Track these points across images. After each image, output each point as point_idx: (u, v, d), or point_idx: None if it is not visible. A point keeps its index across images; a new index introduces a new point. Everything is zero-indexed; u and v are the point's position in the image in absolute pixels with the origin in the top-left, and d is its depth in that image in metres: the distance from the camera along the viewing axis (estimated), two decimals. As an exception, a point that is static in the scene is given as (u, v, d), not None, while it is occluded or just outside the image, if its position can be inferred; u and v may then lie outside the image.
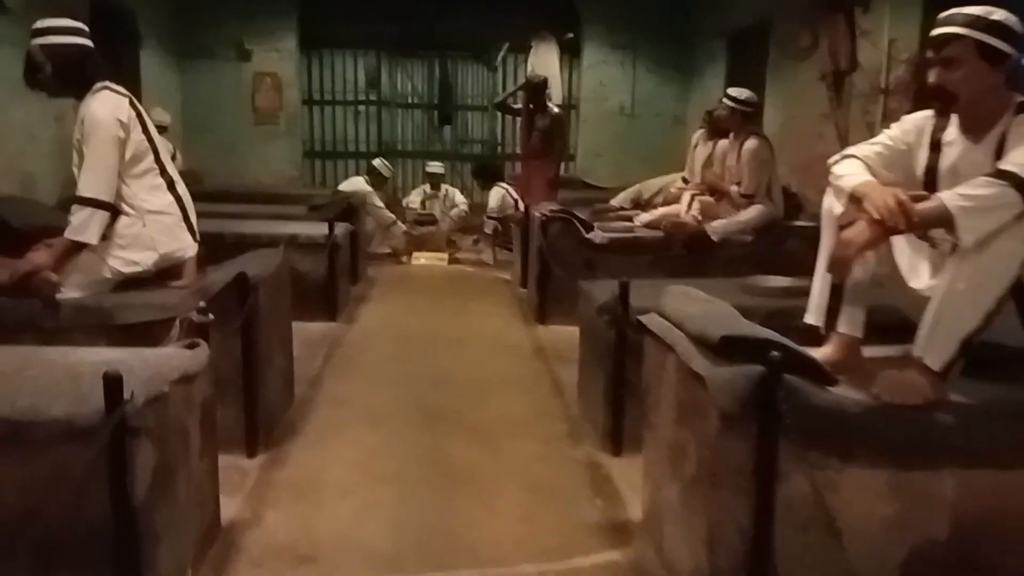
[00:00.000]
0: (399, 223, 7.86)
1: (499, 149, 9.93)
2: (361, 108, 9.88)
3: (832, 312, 2.19)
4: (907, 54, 5.13)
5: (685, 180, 5.94)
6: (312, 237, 5.20)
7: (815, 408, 1.81)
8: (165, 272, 3.15)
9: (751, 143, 5.20)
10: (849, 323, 2.15)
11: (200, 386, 2.25)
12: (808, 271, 2.39)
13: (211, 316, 2.41)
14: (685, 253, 5.28)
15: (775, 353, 1.78)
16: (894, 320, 2.24)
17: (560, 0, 9.30)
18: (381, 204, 7.72)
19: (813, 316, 2.22)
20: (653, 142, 9.53)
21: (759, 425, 1.79)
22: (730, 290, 3.41)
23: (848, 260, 1.99)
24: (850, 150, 2.23)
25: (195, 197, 7.41)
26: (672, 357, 2.13)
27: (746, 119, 5.27)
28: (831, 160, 2.22)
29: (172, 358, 2.14)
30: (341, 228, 5.49)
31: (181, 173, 3.44)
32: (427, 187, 8.68)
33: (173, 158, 7.06)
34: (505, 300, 6.21)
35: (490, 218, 7.83)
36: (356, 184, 7.69)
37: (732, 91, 5.27)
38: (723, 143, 5.52)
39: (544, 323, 5.29)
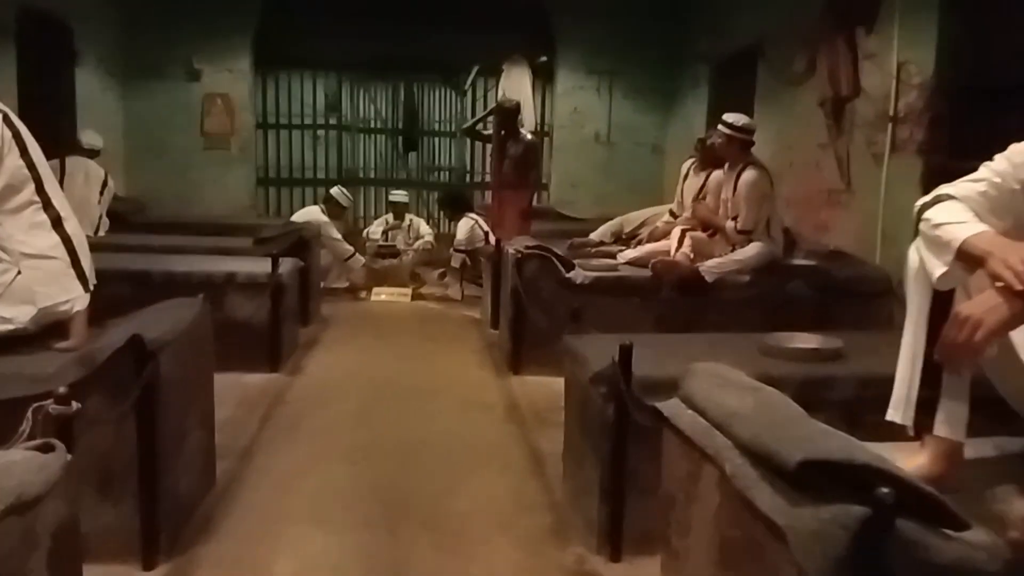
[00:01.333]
0: (358, 256, 7.22)
1: (468, 177, 9.36)
2: (320, 132, 9.25)
3: (924, 406, 1.60)
4: (920, 78, 4.65)
5: (673, 213, 5.40)
6: (253, 276, 4.55)
7: (943, 570, 1.22)
8: (48, 330, 2.50)
9: (749, 174, 4.68)
10: (949, 423, 1.57)
11: (51, 509, 1.60)
12: (818, 319, 1.82)
13: (75, 405, 1.75)
14: (676, 295, 4.72)
15: (884, 490, 1.19)
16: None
17: (534, 22, 8.79)
18: (338, 235, 7.08)
19: (899, 412, 1.63)
20: (631, 171, 9.04)
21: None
22: (744, 351, 2.84)
23: (975, 348, 1.41)
24: (945, 189, 1.65)
25: (133, 228, 6.85)
26: (712, 471, 1.53)
27: (743, 148, 4.75)
28: (920, 202, 1.65)
29: (5, 472, 1.49)
30: (288, 264, 4.85)
31: (122, 200, 2.79)
32: (390, 217, 8.07)
33: (104, 185, 6.44)
34: (475, 343, 5.59)
35: (457, 251, 7.22)
36: (311, 214, 7.05)
37: (728, 117, 4.75)
38: (717, 174, 4.99)
39: (518, 372, 4.68)
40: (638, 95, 9.04)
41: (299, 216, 7.04)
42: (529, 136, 7.45)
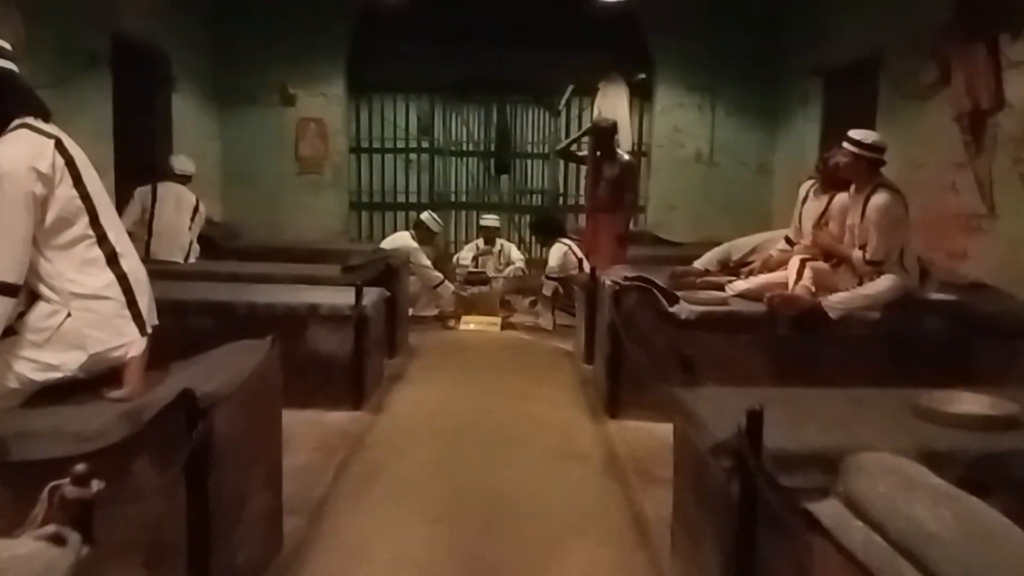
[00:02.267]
0: (447, 283, 6.97)
1: (561, 200, 9.01)
2: (412, 156, 9.10)
3: None
4: (1082, 87, 4.05)
5: (789, 241, 4.89)
6: (337, 308, 4.32)
7: None
8: (101, 378, 2.28)
9: (880, 197, 4.16)
10: None
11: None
12: (957, 362, 1.39)
13: (97, 485, 1.48)
14: (794, 333, 4.23)
15: None
16: None
17: (630, 38, 8.43)
18: (427, 262, 6.85)
19: None
20: (735, 193, 8.52)
21: None
22: (895, 414, 2.38)
23: None
24: None
25: (225, 254, 6.81)
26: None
27: (872, 168, 4.23)
28: None
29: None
30: (373, 295, 4.60)
31: (216, 226, 2.58)
32: (480, 242, 7.81)
33: (196, 211, 6.40)
34: (567, 380, 5.22)
35: (550, 278, 6.88)
36: (400, 240, 6.85)
37: (855, 133, 4.25)
38: (841, 197, 4.48)
39: (616, 416, 4.28)
40: (742, 112, 8.53)
41: (388, 242, 6.85)
42: (626, 156, 7.08)
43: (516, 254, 7.74)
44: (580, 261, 6.83)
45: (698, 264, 5.53)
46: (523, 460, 3.67)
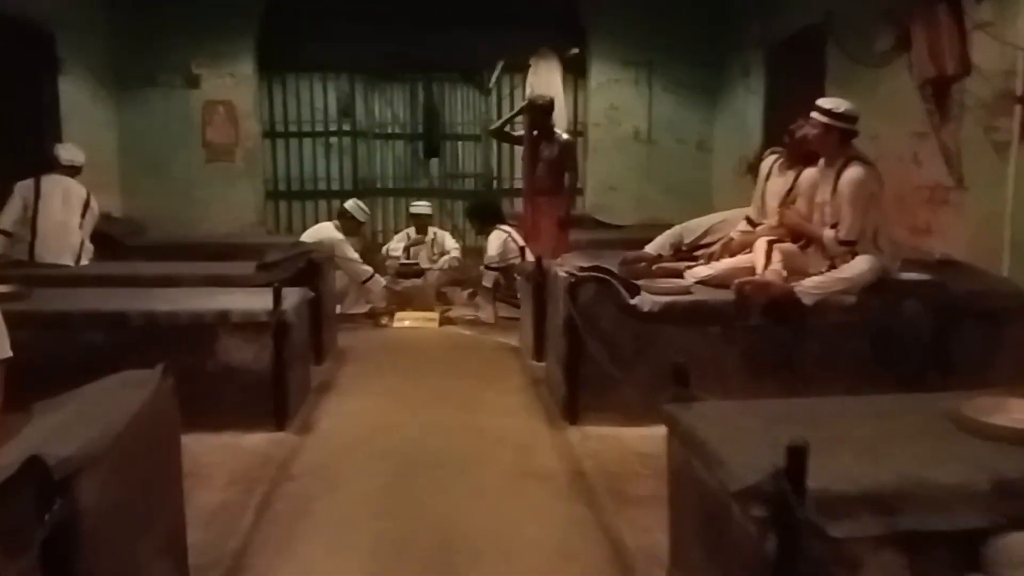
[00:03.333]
0: (378, 276, 6.40)
1: (496, 184, 8.51)
2: (333, 140, 8.43)
3: None
4: (1060, 46, 3.77)
5: (751, 221, 4.51)
6: (251, 314, 3.73)
7: None
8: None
9: (853, 171, 3.81)
10: None
11: None
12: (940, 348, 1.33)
13: None
14: (767, 323, 3.86)
15: None
16: None
17: (562, 11, 7.97)
18: (354, 255, 6.27)
19: None
20: (675, 172, 8.19)
21: None
22: (932, 426, 1.99)
23: None
24: None
25: (127, 253, 6.08)
26: None
27: (844, 139, 3.88)
28: None
29: None
30: (294, 296, 4.03)
31: (117, 222, 2.00)
32: (412, 231, 7.26)
33: (86, 206, 5.65)
34: (517, 380, 4.75)
35: (489, 268, 6.39)
36: (323, 232, 6.25)
37: (825, 102, 3.89)
38: (810, 172, 4.12)
39: (576, 422, 3.84)
40: (681, 87, 8.19)
41: (310, 234, 6.25)
42: (564, 136, 6.65)
43: (451, 243, 7.22)
44: (521, 249, 6.36)
45: (649, 249, 5.11)
46: (477, 484, 3.19)
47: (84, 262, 5.30)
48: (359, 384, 4.63)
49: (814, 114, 3.90)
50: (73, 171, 5.45)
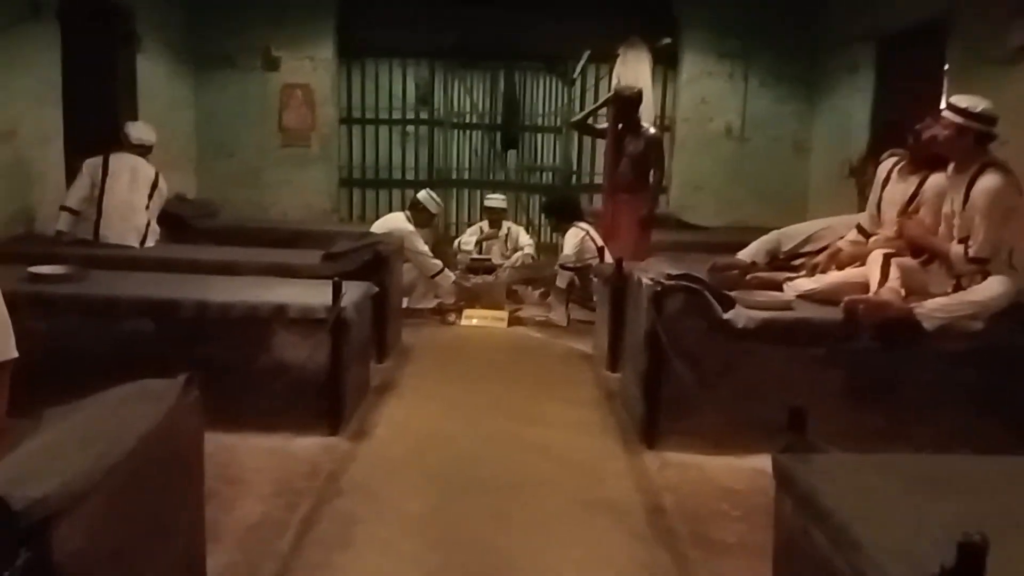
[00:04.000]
0: (447, 271, 6.11)
1: (575, 179, 8.13)
2: (410, 128, 8.19)
3: None
4: None
5: (863, 231, 4.02)
6: (309, 308, 3.48)
7: None
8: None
9: (989, 180, 3.32)
10: None
11: None
12: None
13: None
14: (877, 346, 3.40)
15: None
16: None
17: (654, 0, 7.53)
18: (425, 248, 6.00)
19: None
20: (767, 173, 7.67)
21: None
22: None
23: None
24: None
25: (196, 236, 5.95)
26: None
27: (980, 143, 3.39)
28: None
29: None
30: (356, 291, 3.76)
31: (187, 203, 1.77)
32: (485, 225, 6.97)
33: (154, 187, 5.52)
34: (589, 392, 4.39)
35: (565, 268, 6.02)
36: (394, 222, 5.99)
37: (960, 100, 3.40)
38: (937, 179, 3.64)
39: (655, 446, 3.46)
40: (778, 83, 7.65)
41: (380, 225, 6.00)
42: (651, 130, 6.23)
43: (525, 239, 6.89)
44: (600, 249, 5.98)
45: (742, 256, 4.66)
46: (538, 513, 2.84)
47: (149, 244, 5.16)
48: (420, 386, 4.34)
49: (946, 113, 3.42)
50: (143, 150, 5.32)
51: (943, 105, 3.68)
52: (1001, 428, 3.41)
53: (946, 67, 5.39)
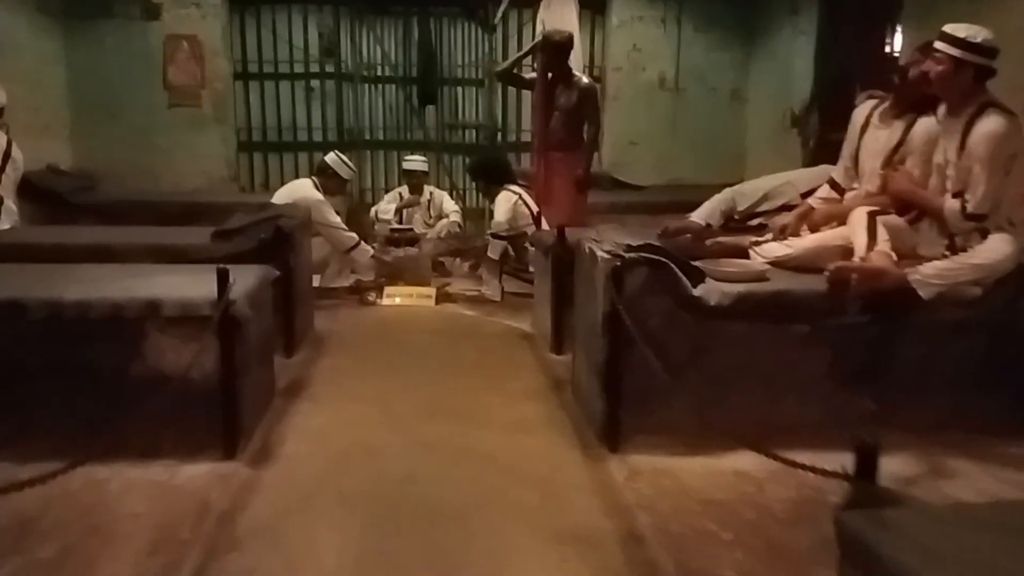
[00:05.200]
0: (364, 244, 5.44)
1: (501, 137, 7.50)
2: (315, 83, 7.40)
3: None
4: None
5: (836, 186, 3.54)
6: (188, 304, 2.79)
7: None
8: None
9: (991, 122, 2.88)
10: None
11: None
12: None
13: None
14: (869, 320, 2.95)
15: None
16: None
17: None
18: (336, 219, 5.31)
19: None
20: (705, 125, 7.25)
21: None
22: None
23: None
24: None
25: (75, 213, 4.95)
26: None
27: (979, 80, 2.93)
28: None
29: None
30: (250, 279, 3.09)
31: (61, 176, 1.30)
32: (404, 190, 6.31)
33: (6, 157, 4.66)
34: (533, 379, 3.85)
35: (496, 237, 5.43)
36: (300, 190, 5.28)
37: (956, 29, 2.93)
38: (925, 123, 3.18)
39: (618, 450, 2.94)
40: (713, 27, 7.21)
41: (283, 194, 5.28)
42: (585, 79, 5.66)
43: (450, 204, 6.28)
44: (537, 216, 5.41)
45: (695, 217, 4.17)
46: (491, 552, 2.28)
47: (4, 226, 4.34)
48: (338, 384, 3.71)
49: (940, 45, 2.94)
50: (-8, 113, 4.45)
51: (925, 40, 3.21)
52: (1004, 408, 3.04)
53: (902, 2, 4.97)
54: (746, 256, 3.46)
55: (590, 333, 3.20)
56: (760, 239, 3.56)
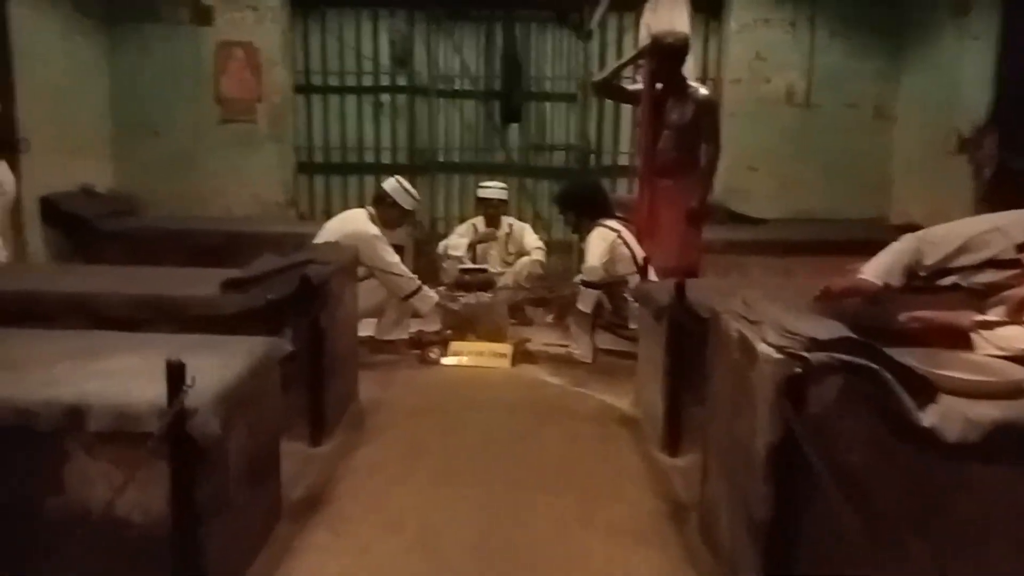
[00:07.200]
0: (427, 290, 4.46)
1: (594, 160, 6.46)
2: (385, 97, 6.54)
3: None
4: None
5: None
6: (126, 414, 1.83)
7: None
8: None
9: None
10: None
11: None
12: None
13: None
14: None
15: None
16: None
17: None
18: (394, 258, 4.34)
19: None
20: (843, 147, 6.16)
21: None
22: None
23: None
24: None
25: (105, 243, 3.25)
26: None
27: None
28: None
29: None
30: (238, 365, 2.12)
31: (95, 199, 0.87)
32: (480, 222, 5.34)
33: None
34: (643, 501, 2.76)
35: (587, 284, 4.37)
36: (352, 223, 4.36)
37: None
38: None
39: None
40: (856, 31, 6.05)
41: (333, 227, 4.37)
42: (703, 91, 4.59)
43: (532, 240, 5.27)
44: (643, 263, 4.33)
45: (869, 275, 2.99)
46: None
47: (-12, 263, 3.54)
48: (370, 499, 2.71)
49: None
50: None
51: None
52: None
53: None
54: (967, 343, 2.30)
55: (740, 463, 2.10)
56: (987, 318, 2.39)
